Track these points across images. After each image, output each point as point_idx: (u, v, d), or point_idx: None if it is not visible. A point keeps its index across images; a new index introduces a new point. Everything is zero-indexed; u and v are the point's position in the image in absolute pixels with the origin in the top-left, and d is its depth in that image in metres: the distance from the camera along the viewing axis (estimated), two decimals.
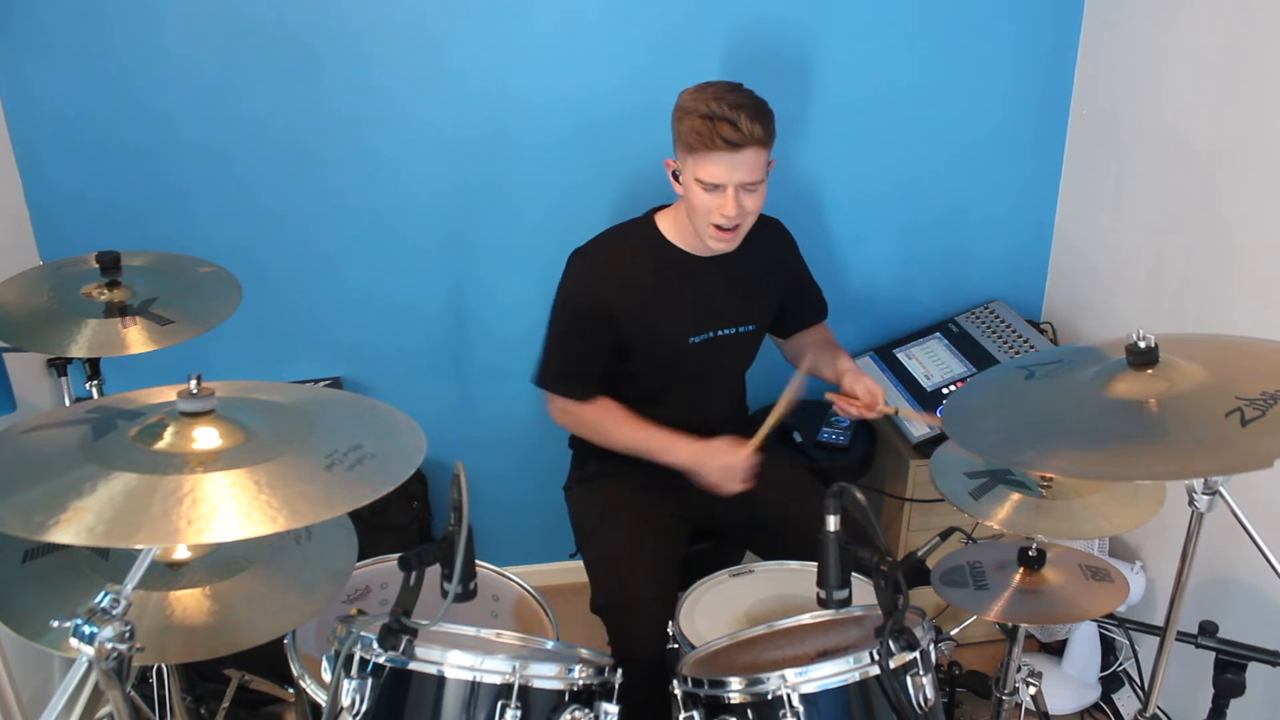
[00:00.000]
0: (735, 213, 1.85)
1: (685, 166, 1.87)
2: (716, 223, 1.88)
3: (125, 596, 1.07)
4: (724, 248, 1.94)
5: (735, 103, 1.80)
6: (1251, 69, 1.97)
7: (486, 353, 2.56)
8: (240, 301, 1.85)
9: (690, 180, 1.86)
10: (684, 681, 1.47)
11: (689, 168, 1.86)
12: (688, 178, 1.87)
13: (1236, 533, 1.43)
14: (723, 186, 1.83)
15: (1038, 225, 2.67)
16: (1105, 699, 2.42)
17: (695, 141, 1.81)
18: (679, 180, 1.91)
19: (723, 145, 1.80)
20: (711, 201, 1.85)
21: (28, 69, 2.15)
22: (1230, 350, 1.40)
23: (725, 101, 1.80)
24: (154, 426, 1.15)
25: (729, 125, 1.78)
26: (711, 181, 1.83)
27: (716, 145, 1.80)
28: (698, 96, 1.84)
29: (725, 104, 1.80)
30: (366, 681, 1.29)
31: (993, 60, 2.47)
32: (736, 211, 1.85)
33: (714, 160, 1.81)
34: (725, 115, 1.79)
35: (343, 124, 2.30)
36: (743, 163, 1.82)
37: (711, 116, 1.79)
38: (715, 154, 1.81)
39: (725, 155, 1.81)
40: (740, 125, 1.79)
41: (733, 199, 1.84)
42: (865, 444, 2.49)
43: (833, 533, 1.36)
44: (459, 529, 1.26)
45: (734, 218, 1.87)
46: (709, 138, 1.80)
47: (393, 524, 2.44)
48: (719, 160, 1.81)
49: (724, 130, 1.79)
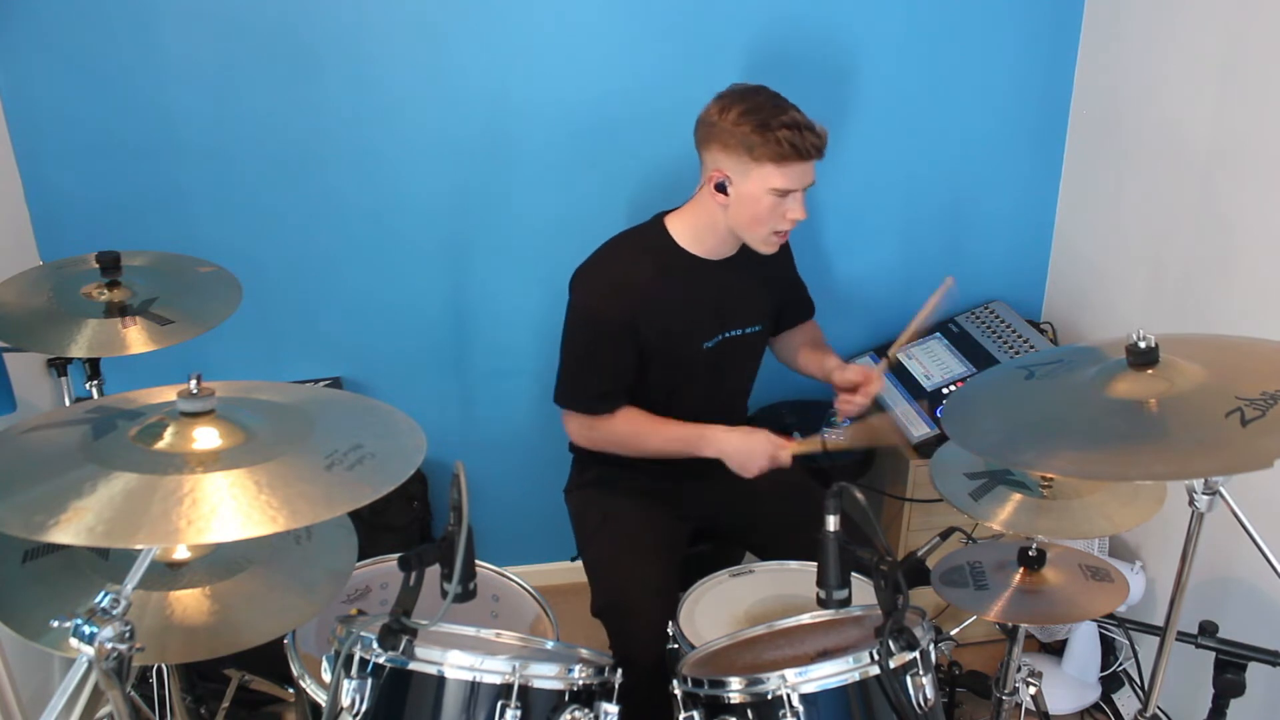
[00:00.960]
0: (804, 215, 1.88)
1: (750, 176, 1.83)
2: (781, 228, 1.90)
3: (125, 596, 1.07)
4: (772, 251, 1.96)
5: (795, 111, 1.83)
6: (1251, 69, 1.97)
7: (486, 353, 2.56)
8: (240, 301, 1.85)
9: (757, 190, 1.84)
10: (684, 681, 1.47)
11: (758, 177, 1.83)
12: (753, 187, 1.84)
13: (1236, 533, 1.43)
14: (794, 191, 1.85)
15: (1038, 225, 2.67)
16: (1105, 699, 2.42)
17: (781, 154, 1.80)
18: (724, 192, 1.86)
19: (812, 153, 1.83)
20: (779, 208, 1.86)
21: (28, 69, 2.15)
22: (1230, 350, 1.40)
23: (790, 110, 1.82)
24: (154, 426, 1.15)
25: (811, 134, 1.81)
26: (787, 188, 1.84)
27: (806, 155, 1.82)
28: (756, 108, 1.82)
29: (792, 112, 1.81)
30: (366, 681, 1.29)
31: (993, 60, 2.47)
32: (804, 214, 1.88)
33: (798, 169, 1.83)
34: (805, 124, 1.81)
35: (343, 124, 2.30)
36: (811, 169, 1.86)
37: (796, 126, 1.80)
38: (801, 164, 1.82)
39: (808, 164, 1.84)
40: (818, 132, 1.83)
41: (802, 201, 1.87)
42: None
43: (833, 533, 1.36)
44: (459, 529, 1.26)
45: (802, 219, 1.88)
46: (800, 148, 1.80)
47: (393, 524, 2.44)
48: (802, 168, 1.83)
49: (807, 139, 1.81)
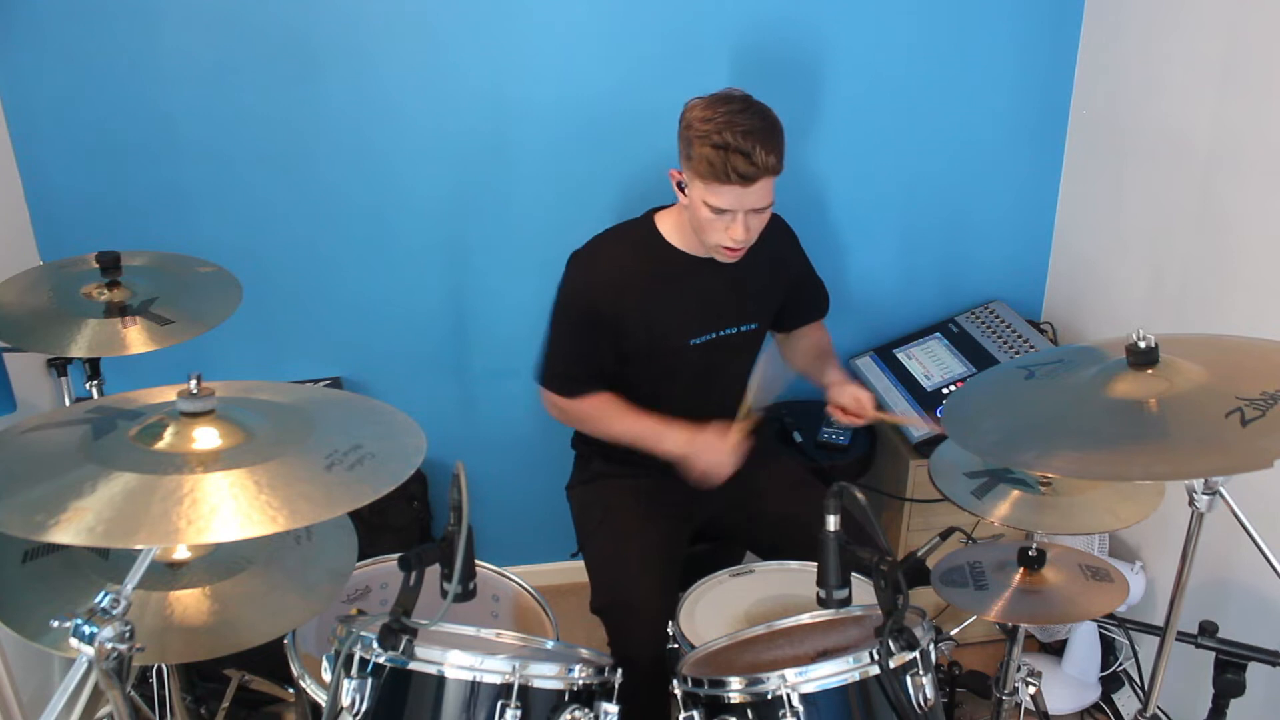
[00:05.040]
0: (744, 237, 1.79)
1: (693, 187, 1.78)
2: (724, 244, 1.82)
3: (125, 596, 1.07)
4: (726, 261, 1.89)
5: (748, 129, 1.70)
6: (1251, 69, 1.97)
7: (486, 352, 2.56)
8: (240, 301, 1.85)
9: (696, 200, 1.78)
10: (684, 681, 1.47)
11: (698, 190, 1.77)
12: (695, 197, 1.79)
13: (1236, 533, 1.43)
14: (732, 212, 1.77)
15: (1038, 225, 2.67)
16: (1105, 699, 2.42)
17: (706, 172, 1.72)
18: (684, 191, 1.83)
19: (736, 179, 1.71)
20: (719, 223, 1.79)
21: (28, 69, 2.15)
22: (1230, 350, 1.40)
23: (738, 129, 1.69)
24: (154, 426, 1.15)
25: (743, 159, 1.69)
26: (720, 207, 1.76)
27: (730, 179, 1.71)
28: (709, 119, 1.72)
29: (739, 132, 1.69)
30: (366, 681, 1.29)
31: (993, 60, 2.47)
32: (745, 236, 1.80)
33: (726, 191, 1.73)
34: (739, 147, 1.69)
35: (342, 124, 2.30)
36: (754, 192, 1.74)
37: (725, 148, 1.69)
38: (727, 186, 1.72)
39: (737, 188, 1.73)
40: (755, 158, 1.69)
41: (741, 224, 1.78)
42: (865, 444, 2.49)
43: (833, 533, 1.36)
44: (459, 529, 1.26)
45: (742, 242, 1.81)
46: (722, 171, 1.70)
47: (393, 524, 2.44)
48: (730, 192, 1.73)
49: (738, 164, 1.69)
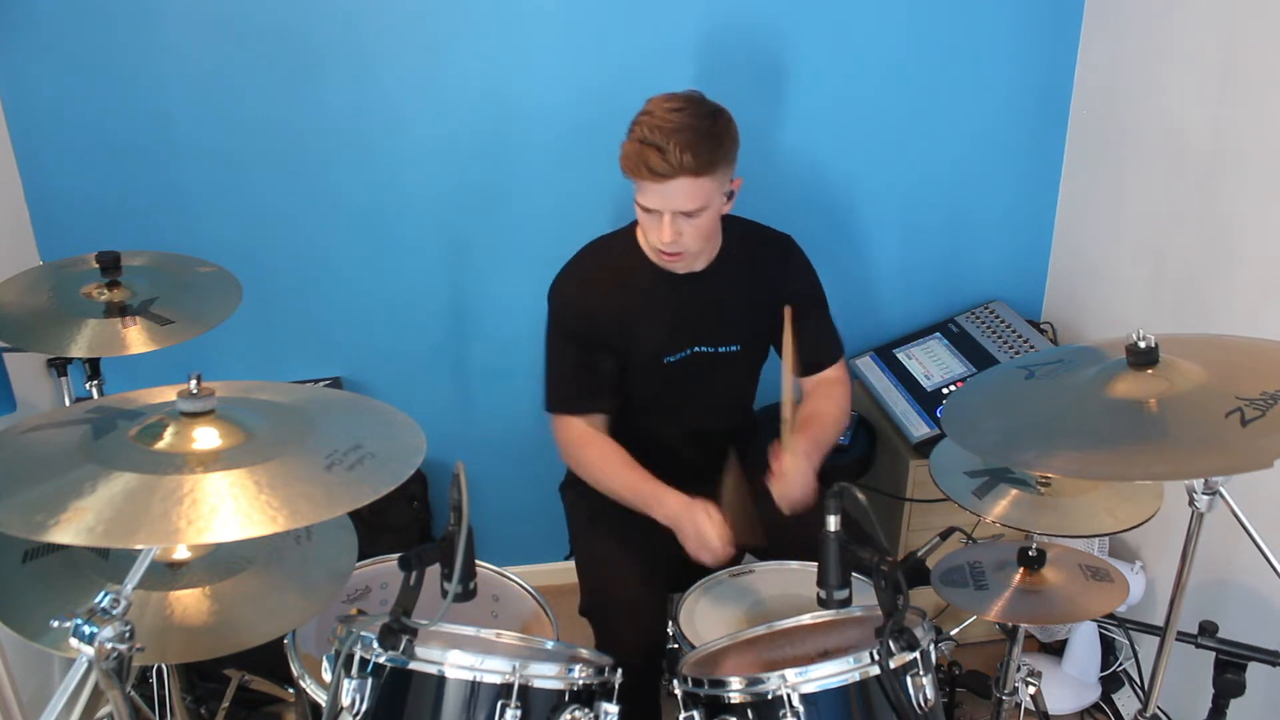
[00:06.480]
0: (670, 239, 1.76)
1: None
2: (659, 247, 1.80)
3: (125, 596, 1.07)
4: (675, 268, 1.86)
5: (673, 127, 1.68)
6: (1251, 69, 1.97)
7: (486, 352, 2.56)
8: (240, 301, 1.85)
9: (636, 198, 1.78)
10: (684, 681, 1.46)
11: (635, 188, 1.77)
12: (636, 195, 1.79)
13: (1236, 533, 1.43)
14: (658, 212, 1.74)
15: (1038, 225, 2.67)
16: (1105, 699, 2.42)
17: (626, 165, 1.72)
18: None
19: (647, 175, 1.69)
20: (651, 223, 1.78)
21: (28, 69, 2.15)
22: (1230, 350, 1.40)
23: (663, 126, 1.68)
24: (154, 426, 1.15)
25: (656, 154, 1.67)
26: (646, 206, 1.75)
27: (642, 174, 1.70)
28: (642, 115, 1.73)
29: (661, 129, 1.67)
30: (366, 681, 1.28)
31: (993, 60, 2.47)
32: (671, 238, 1.76)
33: (645, 188, 1.73)
34: (655, 143, 1.67)
35: (343, 124, 2.30)
36: (674, 192, 1.71)
37: (642, 142, 1.69)
38: (644, 183, 1.72)
39: (651, 185, 1.71)
40: (669, 156, 1.67)
41: (668, 226, 1.74)
42: (865, 444, 2.49)
43: (833, 533, 1.36)
44: (459, 529, 1.26)
45: (669, 245, 1.77)
46: (635, 165, 1.70)
47: (393, 524, 2.44)
48: (648, 189, 1.73)
49: (650, 159, 1.68)
